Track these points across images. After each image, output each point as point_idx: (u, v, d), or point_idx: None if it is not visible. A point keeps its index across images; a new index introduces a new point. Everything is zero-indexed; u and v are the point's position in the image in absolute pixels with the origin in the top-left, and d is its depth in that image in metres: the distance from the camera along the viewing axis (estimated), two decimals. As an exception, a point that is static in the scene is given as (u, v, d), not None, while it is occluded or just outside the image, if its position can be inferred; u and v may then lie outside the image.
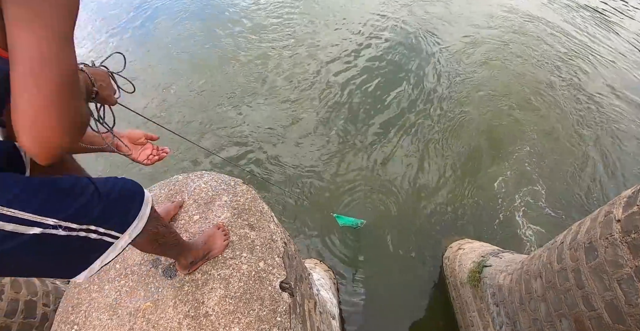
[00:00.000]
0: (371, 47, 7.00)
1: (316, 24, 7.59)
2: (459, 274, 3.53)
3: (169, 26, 8.03)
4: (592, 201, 4.69)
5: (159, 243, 1.08)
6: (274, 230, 1.54)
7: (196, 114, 5.86)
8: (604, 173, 4.99)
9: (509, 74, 6.44)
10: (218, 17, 8.08)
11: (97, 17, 8.57)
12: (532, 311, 2.14)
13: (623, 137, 5.49)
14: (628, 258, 1.35)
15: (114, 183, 0.90)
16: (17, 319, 2.21)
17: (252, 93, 6.11)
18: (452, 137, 5.38)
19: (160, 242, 1.07)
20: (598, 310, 1.52)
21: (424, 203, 4.65)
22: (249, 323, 1.23)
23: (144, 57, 7.21)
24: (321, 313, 2.22)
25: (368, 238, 4.38)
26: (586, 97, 6.07)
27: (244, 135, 5.50)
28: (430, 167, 5.01)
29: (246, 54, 6.90)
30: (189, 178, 1.73)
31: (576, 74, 6.52)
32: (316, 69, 6.49)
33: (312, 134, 5.44)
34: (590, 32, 7.69)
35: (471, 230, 4.44)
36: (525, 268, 2.30)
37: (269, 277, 1.36)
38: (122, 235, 0.89)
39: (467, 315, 3.34)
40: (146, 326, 1.26)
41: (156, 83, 6.50)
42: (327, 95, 5.99)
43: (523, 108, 5.83)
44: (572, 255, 1.73)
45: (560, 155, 5.20)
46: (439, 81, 6.25)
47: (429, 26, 7.54)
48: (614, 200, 1.56)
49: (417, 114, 5.72)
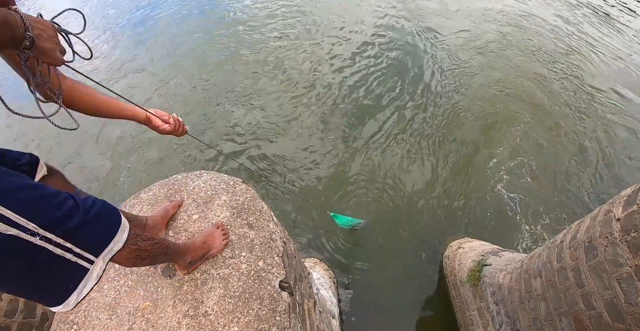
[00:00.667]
0: (369, 44, 7.00)
1: (316, 22, 7.59)
2: (459, 273, 3.53)
3: (169, 24, 8.04)
4: (593, 198, 4.68)
5: (141, 258, 1.01)
6: (273, 229, 1.54)
7: (195, 111, 5.90)
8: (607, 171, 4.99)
9: (507, 64, 6.45)
10: (218, 15, 8.09)
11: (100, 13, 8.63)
12: (531, 310, 2.14)
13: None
14: (628, 257, 1.35)
15: (93, 201, 0.88)
16: (17, 319, 2.21)
17: (250, 91, 6.12)
18: (452, 134, 5.38)
19: (142, 256, 1.00)
20: (598, 309, 1.52)
21: (423, 202, 4.65)
22: (248, 323, 1.23)
23: (145, 53, 7.24)
24: (321, 312, 2.22)
25: (368, 237, 4.38)
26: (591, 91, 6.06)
27: (242, 133, 5.51)
28: (429, 165, 5.01)
29: (247, 52, 6.91)
30: (188, 178, 1.72)
31: (577, 69, 6.51)
32: (315, 67, 6.49)
33: (311, 133, 5.44)
34: (590, 27, 7.69)
35: (471, 229, 4.44)
36: (525, 267, 2.30)
37: (268, 276, 1.36)
38: (96, 259, 0.85)
39: (467, 314, 3.34)
40: (145, 325, 1.25)
41: (157, 79, 6.53)
42: (325, 93, 5.99)
43: (521, 102, 5.83)
44: (572, 254, 1.73)
45: (561, 153, 5.19)
46: (438, 78, 6.25)
47: (426, 22, 7.58)
48: (614, 199, 1.56)
49: (415, 112, 5.71)
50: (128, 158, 5.34)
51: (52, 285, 0.81)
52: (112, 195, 4.89)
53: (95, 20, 8.71)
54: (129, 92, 6.22)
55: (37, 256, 0.74)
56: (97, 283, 0.88)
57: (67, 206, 0.79)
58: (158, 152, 5.36)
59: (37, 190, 0.75)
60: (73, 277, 0.83)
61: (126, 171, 5.19)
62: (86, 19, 1.08)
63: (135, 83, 6.59)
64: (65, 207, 0.78)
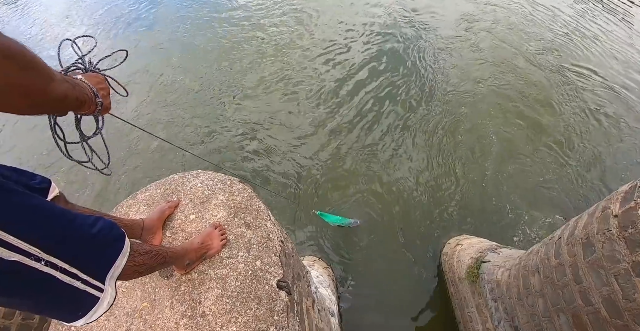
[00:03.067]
0: (368, 42, 6.99)
1: (313, 20, 7.57)
2: (458, 270, 3.54)
3: (168, 22, 8.01)
4: (593, 195, 4.69)
5: (139, 272, 0.99)
6: (270, 228, 1.54)
7: (190, 109, 5.89)
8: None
9: (514, 69, 6.45)
10: (217, 13, 8.06)
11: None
12: (530, 306, 2.15)
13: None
14: (625, 254, 1.35)
15: (99, 223, 0.86)
16: (15, 320, 2.21)
17: (247, 89, 6.10)
18: (451, 131, 5.37)
19: (140, 270, 0.99)
20: (595, 305, 1.52)
21: (422, 199, 4.65)
22: (246, 322, 1.23)
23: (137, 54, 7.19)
24: (319, 311, 2.23)
25: (367, 235, 4.38)
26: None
27: (241, 131, 5.50)
28: (428, 163, 5.00)
29: (243, 50, 6.89)
30: (184, 178, 1.72)
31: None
32: (315, 65, 6.48)
33: (309, 131, 5.43)
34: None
35: (469, 226, 4.44)
36: (523, 264, 2.30)
37: (266, 276, 1.36)
38: (105, 287, 0.84)
39: (466, 311, 3.35)
40: (143, 326, 1.25)
41: (151, 79, 6.52)
42: (323, 91, 5.98)
43: (520, 100, 5.83)
44: (570, 250, 1.73)
45: (561, 150, 5.19)
46: (438, 75, 6.24)
47: (421, 16, 7.60)
48: (611, 195, 1.56)
49: (413, 110, 5.70)
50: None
51: (61, 310, 0.80)
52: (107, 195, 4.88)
53: (94, 19, 8.67)
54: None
55: (45, 284, 0.72)
56: (109, 310, 0.87)
57: (73, 227, 0.77)
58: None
59: (44, 211, 0.73)
60: (82, 305, 0.82)
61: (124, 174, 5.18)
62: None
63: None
64: (71, 229, 0.77)
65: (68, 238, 0.76)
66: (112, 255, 0.87)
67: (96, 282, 0.82)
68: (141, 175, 5.08)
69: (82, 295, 0.80)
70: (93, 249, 0.82)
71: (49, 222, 0.74)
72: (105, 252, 0.86)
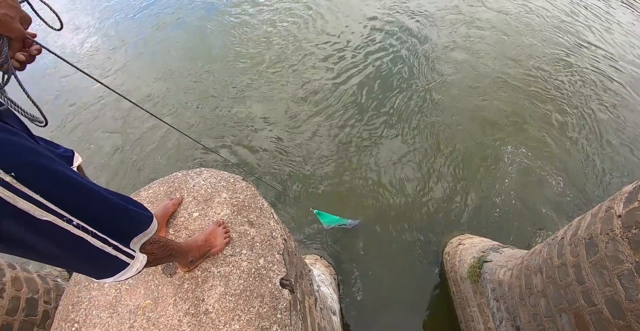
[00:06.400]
0: (367, 41, 6.98)
1: (314, 20, 7.56)
2: (459, 269, 3.54)
3: (168, 21, 8.01)
4: (596, 195, 4.68)
5: (148, 261, 0.99)
6: (273, 226, 1.54)
7: (190, 106, 5.91)
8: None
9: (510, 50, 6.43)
10: (217, 11, 8.06)
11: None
12: (532, 306, 2.14)
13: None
14: (628, 254, 1.35)
15: (129, 198, 0.94)
16: (18, 317, 2.22)
17: (248, 86, 6.10)
18: (452, 131, 5.37)
19: (149, 259, 1.00)
20: (598, 305, 1.52)
21: (424, 198, 4.65)
22: (249, 320, 1.23)
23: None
24: (322, 309, 2.23)
25: (369, 234, 4.39)
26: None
27: (240, 130, 5.50)
28: (428, 162, 5.00)
29: (244, 48, 6.88)
30: (188, 175, 1.72)
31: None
32: (313, 65, 6.47)
33: (309, 130, 5.43)
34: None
35: (471, 225, 4.44)
36: (525, 264, 2.30)
37: (269, 274, 1.36)
38: (136, 254, 0.90)
39: (467, 310, 3.35)
40: (146, 324, 1.26)
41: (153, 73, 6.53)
42: (324, 91, 5.98)
43: (523, 96, 5.82)
44: (573, 250, 1.73)
45: (565, 150, 5.18)
46: (437, 74, 6.23)
47: (422, 14, 7.57)
48: (615, 195, 1.55)
49: (412, 109, 5.70)
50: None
51: (90, 269, 0.86)
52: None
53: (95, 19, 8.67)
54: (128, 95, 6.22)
55: (77, 245, 0.75)
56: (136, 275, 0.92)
57: (99, 195, 0.80)
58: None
59: (73, 179, 0.76)
60: (112, 268, 0.86)
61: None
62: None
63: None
64: (99, 196, 0.80)
65: (99, 206, 0.80)
66: (140, 226, 0.92)
67: (127, 249, 0.87)
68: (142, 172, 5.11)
69: (113, 260, 0.84)
70: (124, 218, 0.87)
71: (85, 192, 0.77)
72: (134, 222, 0.91)
